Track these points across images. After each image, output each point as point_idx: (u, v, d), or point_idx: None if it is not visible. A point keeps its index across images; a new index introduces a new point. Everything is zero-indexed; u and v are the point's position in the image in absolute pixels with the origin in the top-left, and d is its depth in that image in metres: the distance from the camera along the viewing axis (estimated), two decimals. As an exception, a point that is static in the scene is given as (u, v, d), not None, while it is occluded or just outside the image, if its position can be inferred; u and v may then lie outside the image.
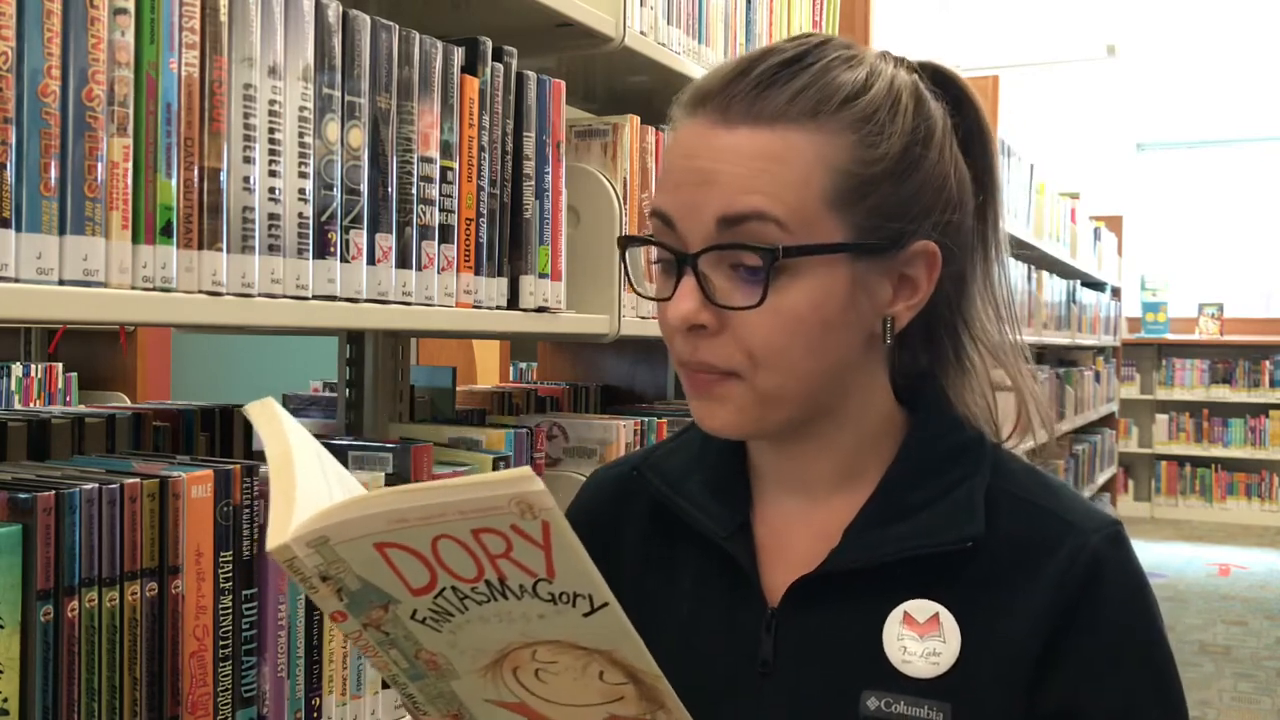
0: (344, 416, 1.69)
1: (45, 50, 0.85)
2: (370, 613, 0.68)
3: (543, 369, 2.72)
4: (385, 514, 0.62)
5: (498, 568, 0.64)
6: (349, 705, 1.20)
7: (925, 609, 0.83)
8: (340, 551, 0.64)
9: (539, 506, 0.61)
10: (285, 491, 0.67)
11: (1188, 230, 9.01)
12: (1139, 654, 0.83)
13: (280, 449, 0.72)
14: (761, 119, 0.79)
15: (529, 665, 0.70)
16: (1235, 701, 4.40)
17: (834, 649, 0.84)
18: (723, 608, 0.89)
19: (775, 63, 0.81)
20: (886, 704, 0.82)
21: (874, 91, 0.81)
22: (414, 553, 0.64)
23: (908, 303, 0.85)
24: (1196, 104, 8.73)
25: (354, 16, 1.15)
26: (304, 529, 0.63)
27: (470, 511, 0.61)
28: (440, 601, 0.67)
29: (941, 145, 0.83)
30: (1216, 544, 7.78)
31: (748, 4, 2.05)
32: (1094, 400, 6.19)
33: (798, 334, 0.80)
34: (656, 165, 1.75)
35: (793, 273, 0.79)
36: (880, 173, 0.80)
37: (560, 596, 0.65)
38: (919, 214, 0.82)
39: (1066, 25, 8.38)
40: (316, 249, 1.11)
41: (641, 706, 0.71)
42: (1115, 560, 0.84)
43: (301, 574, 0.65)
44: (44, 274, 0.86)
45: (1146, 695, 0.83)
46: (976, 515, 0.84)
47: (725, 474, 0.92)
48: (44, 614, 0.91)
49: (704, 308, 0.80)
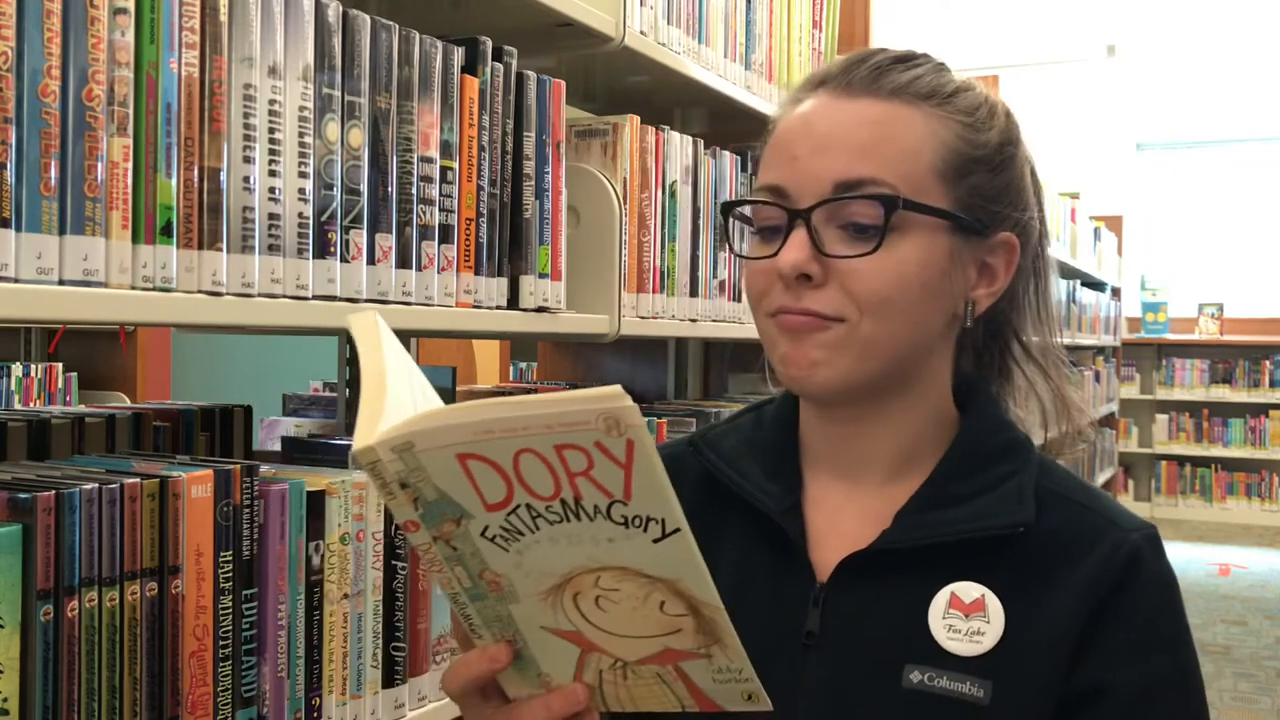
0: (344, 416, 1.69)
1: (45, 50, 0.85)
2: (442, 526, 0.68)
3: (543, 369, 2.72)
4: (473, 424, 0.62)
5: (575, 486, 0.64)
6: (349, 705, 1.20)
7: (971, 590, 0.86)
8: (423, 459, 0.64)
9: (626, 423, 0.61)
10: (375, 397, 0.68)
11: (1188, 230, 9.01)
12: (1165, 644, 0.87)
13: (375, 360, 0.72)
14: (882, 93, 0.87)
15: (590, 592, 0.70)
16: (1235, 701, 4.40)
17: (879, 624, 0.87)
18: (770, 580, 0.92)
19: (889, 57, 0.90)
20: (929, 678, 0.85)
21: (975, 92, 0.91)
22: (495, 466, 0.64)
23: (988, 289, 0.91)
24: (1196, 104, 8.73)
25: (354, 16, 1.15)
26: (392, 433, 0.64)
27: (557, 425, 0.62)
28: (513, 519, 0.67)
29: (1024, 151, 0.93)
30: (1216, 544, 7.78)
31: (748, 4, 2.05)
32: (1094, 400, 6.19)
33: (904, 289, 0.85)
34: (657, 165, 1.75)
35: (902, 231, 0.85)
36: (982, 157, 0.88)
37: (633, 520, 0.66)
38: (1007, 205, 0.90)
39: (1066, 25, 8.37)
40: (316, 249, 1.11)
41: (698, 640, 0.72)
42: (1150, 560, 0.88)
43: (382, 479, 0.66)
44: (44, 274, 0.86)
45: (1167, 683, 0.86)
46: (1027, 505, 0.88)
47: (778, 456, 0.96)
48: (44, 614, 0.91)
49: (814, 258, 0.85)
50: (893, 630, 0.87)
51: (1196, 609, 5.88)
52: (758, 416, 1.00)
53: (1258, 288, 8.76)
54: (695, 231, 1.87)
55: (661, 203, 1.77)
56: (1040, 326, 0.97)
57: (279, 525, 1.11)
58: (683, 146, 1.83)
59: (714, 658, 0.73)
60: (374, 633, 1.22)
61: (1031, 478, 0.90)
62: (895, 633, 0.87)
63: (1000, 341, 0.98)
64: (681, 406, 2.18)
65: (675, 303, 1.82)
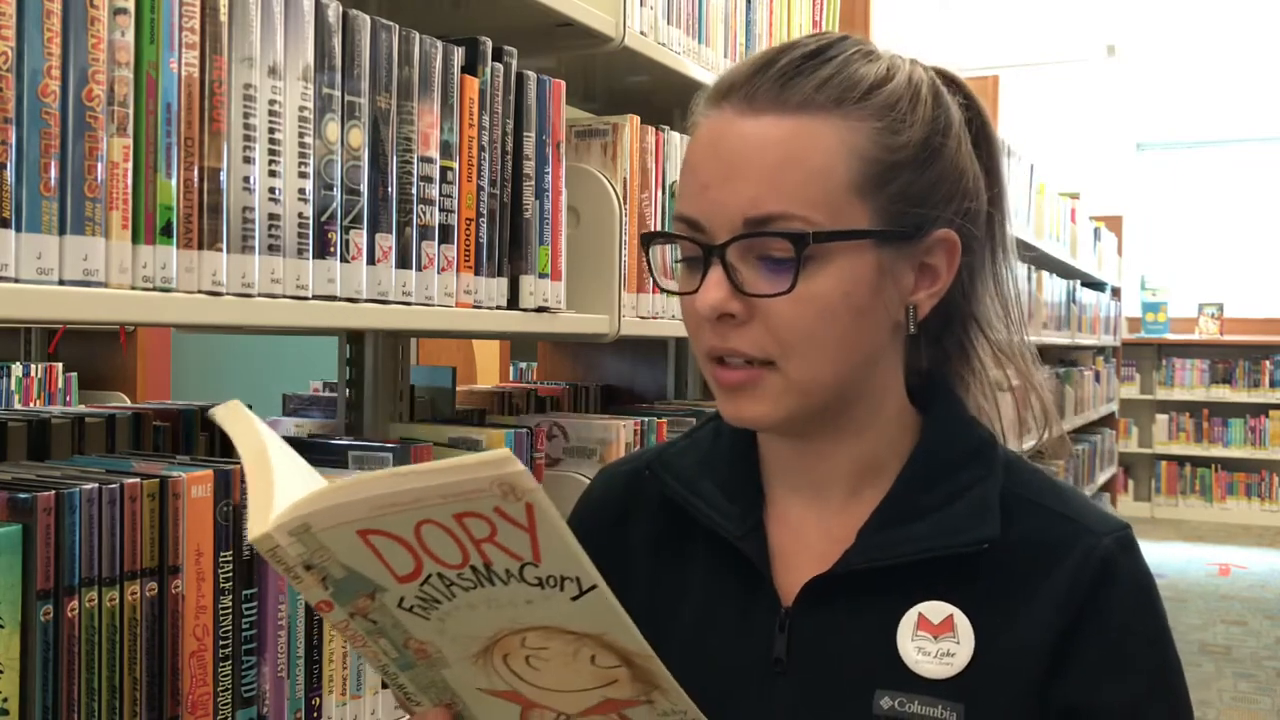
0: (344, 416, 1.69)
1: (45, 50, 0.85)
2: (356, 601, 0.67)
3: (543, 369, 2.72)
4: (366, 500, 0.61)
5: (483, 552, 0.63)
6: (349, 705, 1.20)
7: (939, 610, 0.84)
8: (323, 539, 0.63)
9: (521, 488, 0.60)
10: (263, 483, 0.67)
11: (1188, 230, 9.01)
12: (1145, 655, 0.84)
13: (254, 445, 0.71)
14: (788, 107, 0.81)
15: (519, 652, 0.70)
16: (1235, 701, 4.40)
17: (847, 648, 0.85)
18: (735, 606, 0.89)
19: (798, 55, 0.83)
20: (900, 703, 0.82)
21: (895, 82, 0.83)
22: (397, 539, 0.63)
23: (929, 290, 0.86)
24: (1196, 104, 8.72)
25: (354, 16, 1.15)
26: (285, 516, 0.63)
27: (452, 495, 0.60)
28: (427, 589, 0.66)
29: (959, 137, 0.85)
30: (1216, 544, 7.77)
31: (748, 4, 2.05)
32: (1094, 400, 6.19)
33: (829, 321, 0.81)
34: (657, 165, 1.75)
35: (822, 260, 0.80)
36: (903, 159, 0.82)
37: (548, 580, 0.65)
38: (940, 202, 0.84)
39: (1066, 25, 8.37)
40: (316, 249, 1.11)
41: (636, 688, 0.71)
42: (1125, 563, 0.85)
43: (285, 564, 0.65)
44: (44, 274, 0.86)
45: (1151, 695, 0.84)
46: (991, 517, 0.85)
47: (738, 474, 0.92)
48: (44, 614, 0.91)
49: (733, 296, 0.81)
50: (861, 654, 0.84)
51: (1196, 609, 5.88)
52: (716, 428, 0.96)
53: (1258, 288, 8.76)
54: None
55: (661, 203, 1.77)
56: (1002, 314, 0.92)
57: (279, 525, 1.11)
58: (683, 146, 1.83)
59: (656, 703, 0.72)
60: (374, 633, 1.22)
61: (997, 484, 0.87)
62: (864, 656, 0.84)
63: (957, 333, 0.92)
64: (681, 406, 2.18)
65: (675, 303, 1.81)
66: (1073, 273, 5.79)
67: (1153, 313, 8.81)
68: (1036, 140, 7.20)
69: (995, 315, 0.92)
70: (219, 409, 0.77)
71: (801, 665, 0.85)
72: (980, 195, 0.88)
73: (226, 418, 0.76)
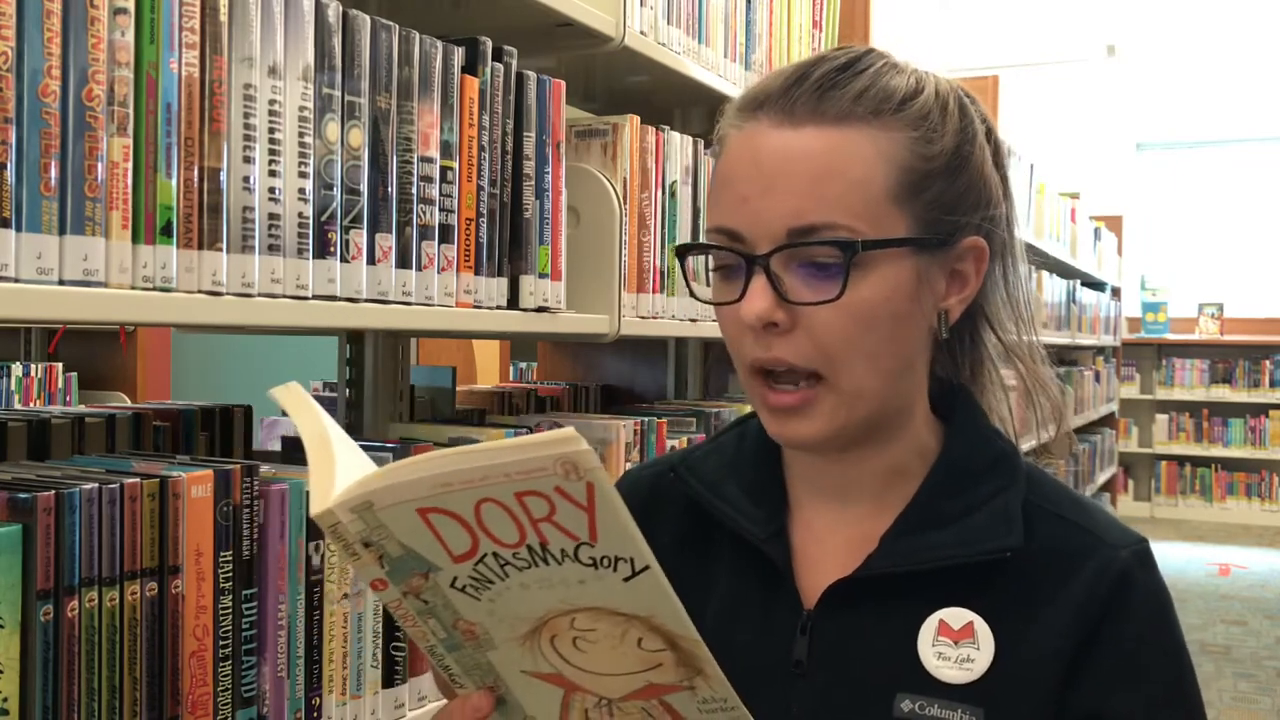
0: (344, 416, 1.69)
1: (45, 50, 0.85)
2: (410, 581, 0.68)
3: (543, 369, 2.72)
4: (430, 478, 0.62)
5: (540, 532, 0.64)
6: (349, 705, 1.20)
7: (960, 616, 0.85)
8: (383, 517, 0.64)
9: (584, 467, 0.60)
10: (325, 461, 0.68)
11: (1188, 230, 9.01)
12: (1160, 665, 0.86)
13: (313, 424, 0.72)
14: (827, 118, 0.82)
15: (567, 634, 0.70)
16: (1235, 701, 4.40)
17: (868, 652, 0.86)
18: (757, 608, 0.90)
19: (832, 68, 0.84)
20: (920, 706, 0.83)
21: (926, 94, 0.85)
22: (457, 517, 0.64)
23: (959, 296, 0.88)
24: (1196, 104, 8.72)
25: (354, 16, 1.15)
26: (348, 494, 0.64)
27: (515, 474, 0.61)
28: (481, 568, 0.67)
29: (983, 146, 0.88)
30: (1216, 544, 7.77)
31: (748, 4, 2.05)
32: (1094, 400, 6.19)
33: (871, 328, 0.82)
34: (657, 165, 1.75)
35: (865, 268, 0.81)
36: (936, 168, 0.84)
37: (601, 561, 0.65)
38: (969, 209, 0.86)
39: (1066, 25, 8.37)
40: (316, 249, 1.11)
41: (680, 673, 0.71)
42: (1142, 576, 0.86)
43: (344, 540, 0.65)
44: (44, 274, 0.86)
45: (1167, 703, 0.85)
46: (1014, 526, 0.86)
47: (763, 477, 0.94)
48: (44, 614, 0.91)
49: (778, 305, 0.82)
50: (882, 658, 0.85)
51: (1196, 609, 5.88)
52: (741, 433, 0.98)
53: (1258, 288, 8.76)
54: (695, 232, 1.86)
55: (661, 203, 1.77)
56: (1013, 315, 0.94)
57: (279, 525, 1.11)
58: (683, 146, 1.83)
59: (698, 689, 0.72)
60: (374, 633, 1.22)
61: (1020, 494, 0.88)
62: (884, 660, 0.85)
63: (970, 337, 0.95)
64: (681, 406, 2.18)
65: (675, 303, 1.82)
66: (1073, 273, 5.79)
67: (1153, 313, 8.82)
68: (1036, 140, 7.20)
69: (1007, 316, 0.94)
70: (278, 389, 0.77)
71: (822, 668, 0.86)
72: (1001, 203, 0.90)
73: (286, 398, 0.76)
